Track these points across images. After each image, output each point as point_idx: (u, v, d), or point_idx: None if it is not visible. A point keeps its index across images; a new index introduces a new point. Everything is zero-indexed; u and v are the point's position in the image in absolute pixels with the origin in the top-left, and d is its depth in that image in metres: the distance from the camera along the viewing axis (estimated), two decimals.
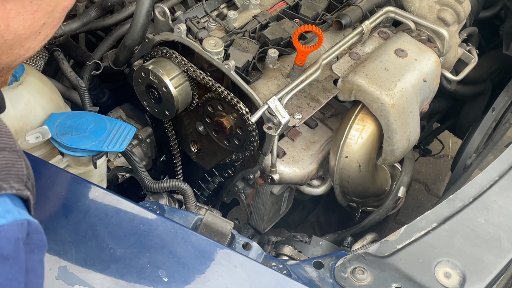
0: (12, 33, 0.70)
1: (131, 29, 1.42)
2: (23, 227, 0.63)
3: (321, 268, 1.03)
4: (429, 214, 1.09)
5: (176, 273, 0.92)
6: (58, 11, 0.74)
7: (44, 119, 1.21)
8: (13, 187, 0.63)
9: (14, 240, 0.61)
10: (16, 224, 0.62)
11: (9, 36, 0.70)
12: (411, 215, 2.46)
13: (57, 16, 0.75)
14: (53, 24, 0.76)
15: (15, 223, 0.61)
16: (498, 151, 1.47)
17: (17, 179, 0.64)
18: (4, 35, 0.70)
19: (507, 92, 1.87)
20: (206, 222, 1.03)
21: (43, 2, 0.71)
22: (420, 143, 2.42)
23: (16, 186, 0.63)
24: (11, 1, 0.67)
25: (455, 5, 1.57)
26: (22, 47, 0.74)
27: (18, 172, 0.64)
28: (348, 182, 1.53)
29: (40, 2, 0.70)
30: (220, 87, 1.34)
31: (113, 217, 0.99)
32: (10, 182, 0.62)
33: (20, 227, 0.62)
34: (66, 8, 0.75)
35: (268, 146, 1.37)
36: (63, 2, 0.74)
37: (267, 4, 1.53)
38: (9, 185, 0.62)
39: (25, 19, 0.70)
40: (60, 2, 0.73)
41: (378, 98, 1.39)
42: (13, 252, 0.60)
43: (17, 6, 0.68)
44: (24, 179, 0.65)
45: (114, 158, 1.60)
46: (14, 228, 0.61)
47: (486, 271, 1.01)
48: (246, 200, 1.62)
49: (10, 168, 0.63)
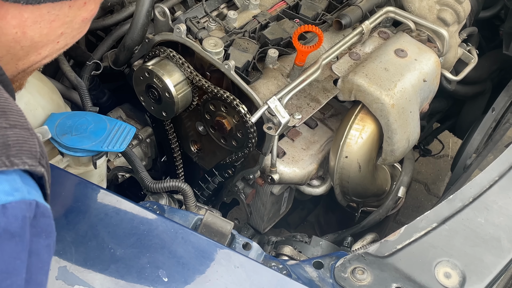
0: (29, 40, 0.73)
1: (131, 29, 1.42)
2: (31, 207, 0.61)
3: (321, 268, 1.03)
4: (429, 214, 1.09)
5: (176, 273, 0.92)
6: (77, 22, 0.76)
7: (44, 119, 1.21)
8: (26, 163, 0.61)
9: (22, 218, 0.60)
10: (24, 203, 0.60)
11: (25, 43, 0.73)
12: (411, 215, 2.46)
13: (76, 27, 0.77)
14: (73, 34, 0.78)
15: (23, 201, 0.60)
16: (498, 151, 1.47)
17: (29, 155, 0.62)
18: (21, 41, 0.72)
19: (507, 92, 1.87)
20: (206, 222, 1.03)
21: (61, 13, 0.72)
22: (420, 143, 2.42)
23: (28, 162, 0.61)
24: (29, 10, 0.69)
25: (455, 5, 1.57)
26: (39, 54, 0.77)
27: (31, 149, 0.62)
28: (348, 182, 1.53)
29: (58, 12, 0.72)
30: (221, 88, 1.34)
31: (113, 217, 0.99)
32: (22, 157, 0.61)
33: (28, 207, 0.61)
34: (86, 20, 0.77)
35: (268, 146, 1.37)
36: (82, 13, 0.75)
37: (267, 4, 1.53)
38: (21, 160, 0.60)
39: (42, 28, 0.72)
40: (79, 14, 0.75)
41: (378, 98, 1.39)
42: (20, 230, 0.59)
43: (34, 15, 0.70)
44: (38, 156, 0.63)
45: (114, 158, 1.60)
46: (22, 206, 0.60)
47: (486, 271, 1.01)
48: (246, 200, 1.62)
49: (22, 144, 0.61)
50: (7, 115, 0.63)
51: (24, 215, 0.60)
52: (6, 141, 0.60)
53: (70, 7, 0.73)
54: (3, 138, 0.60)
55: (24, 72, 0.80)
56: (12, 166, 0.60)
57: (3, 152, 0.59)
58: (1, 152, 0.59)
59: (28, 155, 0.62)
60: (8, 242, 0.58)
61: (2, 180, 0.59)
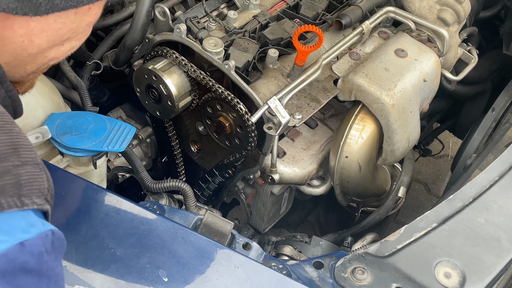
0: (36, 47, 0.74)
1: (131, 29, 1.42)
2: (48, 238, 0.64)
3: (321, 268, 1.03)
4: (429, 214, 1.09)
5: (176, 273, 0.92)
6: (82, 26, 0.77)
7: (44, 119, 1.21)
8: (35, 203, 0.64)
9: (38, 254, 0.62)
10: (41, 238, 0.63)
11: (32, 50, 0.74)
12: (411, 215, 2.46)
13: (81, 31, 0.78)
14: (78, 38, 0.79)
15: (39, 236, 0.63)
16: (498, 151, 1.47)
17: (38, 193, 0.65)
18: (28, 49, 0.73)
19: (507, 92, 1.87)
20: (206, 222, 1.03)
21: (67, 20, 0.73)
22: (420, 143, 2.42)
23: (37, 202, 0.64)
24: (36, 20, 0.70)
25: (455, 5, 1.57)
26: (46, 57, 0.78)
27: (40, 187, 0.65)
28: (348, 182, 1.53)
29: (64, 20, 0.73)
30: (221, 88, 1.34)
31: (113, 217, 0.99)
32: (32, 197, 0.64)
33: (45, 239, 0.64)
34: (91, 23, 0.78)
35: (268, 146, 1.37)
36: (87, 18, 0.76)
37: (267, 4, 1.53)
38: (31, 200, 0.63)
39: (49, 35, 0.73)
40: (84, 19, 0.76)
41: (378, 98, 1.39)
42: (36, 266, 0.62)
43: (41, 24, 0.71)
44: (45, 193, 0.66)
45: (114, 158, 1.60)
46: (38, 242, 0.63)
47: (486, 271, 1.01)
48: (246, 200, 1.62)
49: (32, 183, 0.64)
50: (19, 152, 0.65)
51: (41, 251, 0.63)
52: (19, 180, 0.63)
53: (76, 14, 0.73)
54: (16, 178, 0.63)
55: (34, 73, 0.82)
56: (22, 207, 0.62)
57: (15, 193, 0.62)
58: (13, 192, 0.62)
59: (37, 194, 0.65)
60: (25, 277, 0.61)
61: (19, 216, 0.62)
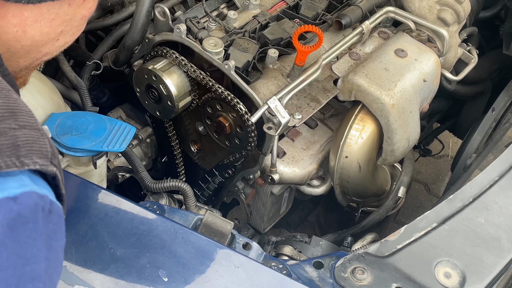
0: (29, 39, 0.73)
1: (131, 29, 1.42)
2: (44, 199, 0.60)
3: (321, 268, 1.03)
4: (429, 214, 1.09)
5: (176, 273, 0.92)
6: (76, 19, 0.76)
7: (44, 119, 1.21)
8: (36, 162, 0.60)
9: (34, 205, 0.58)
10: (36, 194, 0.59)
11: (26, 41, 0.73)
12: (411, 215, 2.46)
13: (76, 24, 0.77)
14: (72, 32, 0.78)
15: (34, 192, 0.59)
16: (498, 151, 1.47)
17: (40, 154, 0.61)
18: (21, 40, 0.73)
19: (507, 92, 1.87)
20: (206, 222, 1.03)
21: (61, 11, 0.73)
22: (420, 143, 2.42)
23: (39, 162, 0.60)
24: (29, 9, 0.70)
25: (455, 5, 1.57)
26: (40, 52, 0.77)
27: (41, 148, 0.61)
28: (348, 182, 1.53)
29: (58, 11, 0.73)
30: (220, 88, 1.34)
31: (113, 217, 0.99)
32: (33, 157, 0.59)
33: (41, 198, 0.60)
34: (85, 17, 0.78)
35: (268, 146, 1.37)
36: (81, 11, 0.76)
37: (267, 4, 1.53)
38: (31, 160, 0.59)
39: (42, 26, 0.73)
40: (78, 12, 0.76)
41: (378, 98, 1.39)
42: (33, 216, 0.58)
43: (34, 14, 0.71)
44: (49, 156, 0.62)
45: (114, 158, 1.60)
46: (33, 195, 0.58)
47: (486, 271, 1.01)
48: (246, 200, 1.62)
49: (32, 144, 0.60)
50: (16, 116, 0.61)
51: (37, 203, 0.59)
52: (16, 141, 0.59)
53: (69, 5, 0.73)
54: (13, 138, 0.59)
55: (27, 69, 0.81)
56: (22, 166, 0.58)
57: (12, 153, 0.58)
58: (10, 153, 0.58)
59: (38, 155, 0.60)
60: (23, 226, 0.57)
61: (10, 180, 0.58)
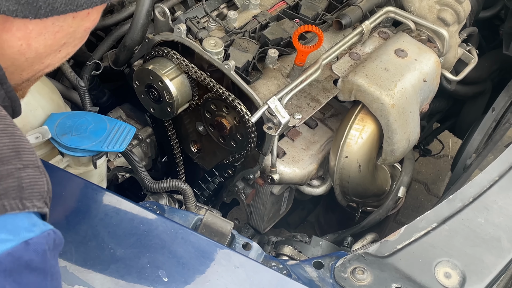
0: (33, 51, 0.74)
1: (131, 29, 1.42)
2: (50, 237, 0.66)
3: (321, 268, 1.03)
4: (429, 214, 1.09)
5: (176, 273, 0.92)
6: (79, 31, 0.77)
7: (44, 119, 1.21)
8: (35, 206, 0.65)
9: (42, 252, 0.64)
10: (44, 236, 0.65)
11: (30, 54, 0.74)
12: (411, 215, 2.46)
13: (79, 36, 0.78)
14: (74, 44, 0.79)
15: (42, 235, 0.65)
16: (498, 151, 1.47)
17: (38, 196, 0.66)
18: (26, 53, 0.73)
19: (507, 92, 1.87)
20: (206, 222, 1.03)
21: (65, 24, 0.73)
22: (420, 143, 2.42)
23: (37, 205, 0.66)
24: (34, 22, 0.70)
25: (455, 5, 1.57)
26: (42, 63, 0.78)
27: (40, 190, 0.67)
28: (348, 182, 1.53)
29: (62, 23, 0.73)
30: (221, 88, 1.34)
31: (113, 217, 0.99)
32: (33, 200, 0.65)
33: (47, 238, 0.66)
34: (88, 29, 0.78)
35: (268, 146, 1.37)
36: (85, 23, 0.76)
37: (267, 4, 1.53)
38: (32, 203, 0.65)
39: (47, 39, 0.73)
40: (82, 24, 0.76)
41: (378, 98, 1.39)
42: (41, 264, 0.64)
43: (39, 27, 0.71)
44: (44, 196, 0.67)
45: (114, 158, 1.60)
46: (42, 241, 0.64)
47: (486, 271, 1.01)
48: (246, 200, 1.62)
49: (33, 186, 0.66)
50: (20, 155, 0.66)
51: (44, 249, 0.65)
52: (21, 183, 0.65)
53: (74, 18, 0.73)
54: (18, 180, 0.64)
55: (28, 81, 0.82)
56: (24, 209, 0.64)
57: (17, 195, 0.64)
58: (15, 195, 0.64)
59: (37, 197, 0.66)
60: (30, 275, 0.63)
61: (22, 217, 0.64)
